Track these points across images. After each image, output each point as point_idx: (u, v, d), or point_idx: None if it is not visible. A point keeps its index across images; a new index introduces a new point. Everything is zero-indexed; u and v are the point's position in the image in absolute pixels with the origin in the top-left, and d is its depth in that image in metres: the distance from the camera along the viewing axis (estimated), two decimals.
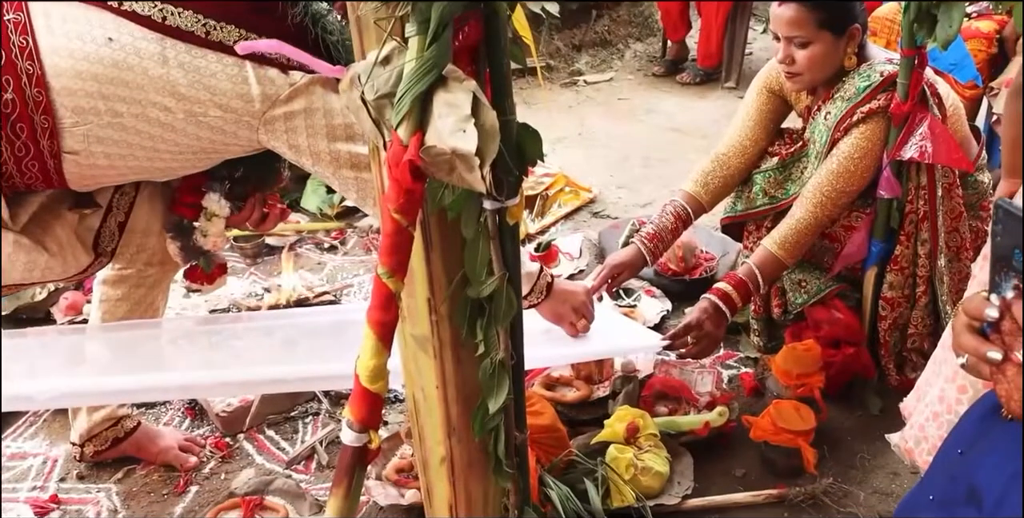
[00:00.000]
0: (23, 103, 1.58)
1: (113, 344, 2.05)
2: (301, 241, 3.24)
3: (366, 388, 1.16)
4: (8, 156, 1.61)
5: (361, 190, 1.70)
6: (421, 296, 1.28)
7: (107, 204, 1.90)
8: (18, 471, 2.18)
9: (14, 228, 1.73)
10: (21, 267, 1.74)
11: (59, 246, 1.81)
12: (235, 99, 1.62)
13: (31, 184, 1.69)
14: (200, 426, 2.30)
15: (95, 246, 1.88)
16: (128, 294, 2.05)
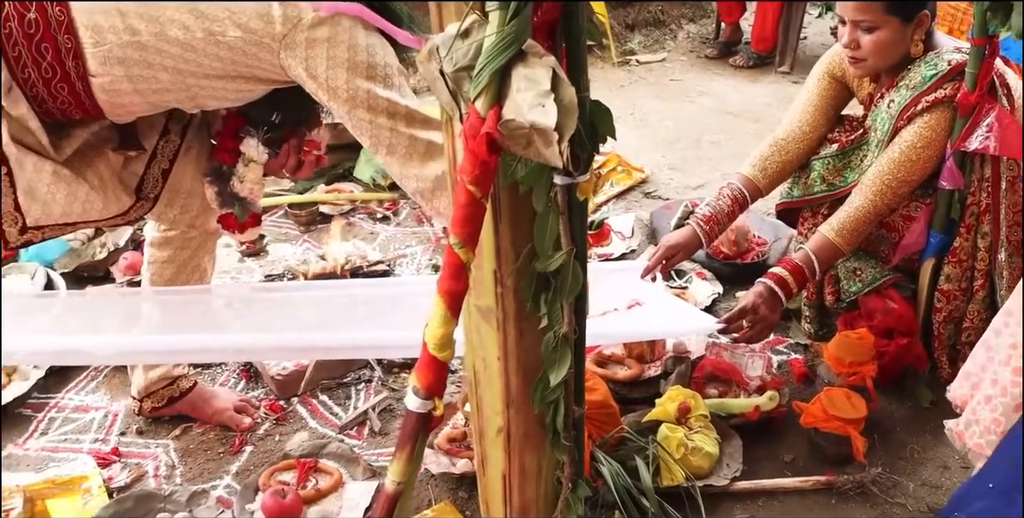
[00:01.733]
0: (46, 23, 1.59)
1: (170, 305, 2.10)
2: (354, 210, 3.28)
3: (433, 356, 1.18)
4: (36, 78, 1.62)
5: (374, 136, 1.67)
6: (488, 268, 1.30)
7: (152, 150, 1.91)
8: (81, 423, 2.25)
9: (56, 157, 1.74)
10: (62, 200, 1.75)
11: (100, 180, 1.81)
12: (255, 18, 1.60)
13: (66, 110, 1.69)
14: (254, 388, 2.36)
15: (138, 191, 1.90)
16: (174, 256, 2.09)
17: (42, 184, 1.72)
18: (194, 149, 1.97)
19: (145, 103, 1.73)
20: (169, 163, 1.94)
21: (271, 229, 3.19)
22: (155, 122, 1.91)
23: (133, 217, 1.93)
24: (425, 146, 1.66)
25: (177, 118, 1.94)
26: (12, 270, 2.79)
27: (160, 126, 1.92)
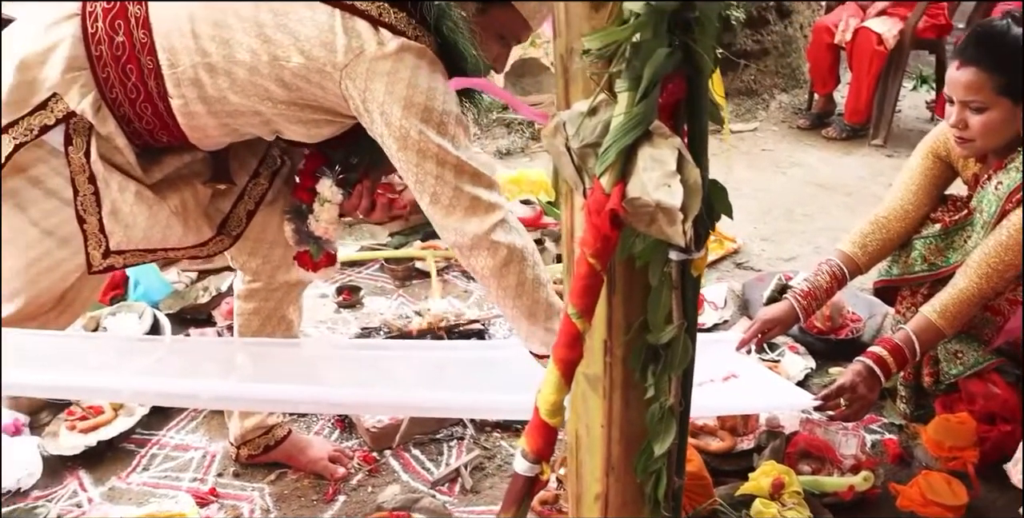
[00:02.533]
0: (131, 45, 1.65)
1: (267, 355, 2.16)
2: (449, 268, 3.34)
3: (545, 421, 1.22)
4: (123, 98, 1.68)
5: (420, 181, 1.65)
6: (598, 337, 1.33)
7: (241, 189, 1.95)
8: (181, 462, 2.33)
9: (143, 178, 1.78)
10: (143, 222, 1.78)
11: (183, 208, 1.85)
12: (318, 47, 1.60)
13: (153, 131, 1.74)
14: (348, 439, 2.41)
15: (220, 227, 1.94)
16: (259, 307, 2.14)
17: (125, 204, 1.76)
18: (280, 201, 2.02)
19: (220, 125, 1.75)
20: (255, 205, 1.98)
21: (367, 282, 3.28)
22: (246, 162, 1.97)
23: (211, 251, 1.96)
24: (469, 200, 1.65)
25: (269, 163, 2.00)
26: (122, 309, 2.91)
27: (251, 167, 1.98)
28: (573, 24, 1.23)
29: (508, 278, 1.69)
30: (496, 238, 1.66)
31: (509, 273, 1.68)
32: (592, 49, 1.15)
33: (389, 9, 1.60)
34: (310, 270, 2.01)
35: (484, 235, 1.65)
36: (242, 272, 2.14)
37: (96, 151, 1.70)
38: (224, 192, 1.95)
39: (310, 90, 1.65)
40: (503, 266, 1.68)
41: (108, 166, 1.73)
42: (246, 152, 1.96)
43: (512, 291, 1.70)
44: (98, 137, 1.70)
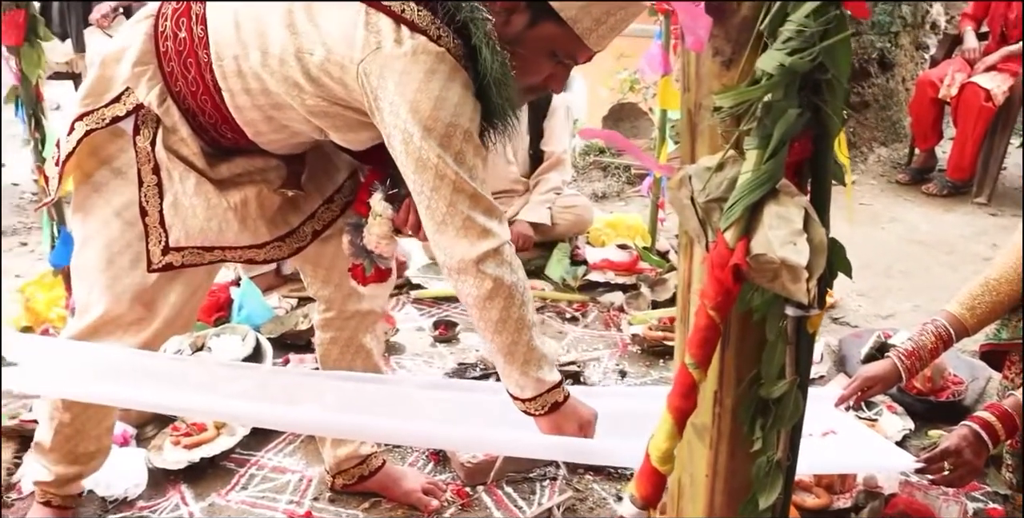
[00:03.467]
0: (191, 40, 1.71)
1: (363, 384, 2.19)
2: (544, 308, 3.38)
3: (655, 468, 1.24)
4: (186, 91, 1.74)
5: (418, 192, 1.61)
6: (709, 388, 1.34)
7: (312, 210, 1.98)
8: (278, 483, 2.40)
9: (207, 171, 1.81)
10: (201, 214, 1.81)
11: (244, 206, 1.85)
12: (340, 41, 1.58)
13: (216, 125, 1.77)
14: (442, 472, 2.44)
15: (283, 237, 1.95)
16: (336, 337, 2.18)
17: (185, 196, 1.81)
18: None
19: (266, 119, 1.75)
20: (323, 227, 2.00)
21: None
22: (323, 186, 2.00)
23: (267, 257, 1.96)
24: (463, 221, 1.59)
25: (344, 192, 2.02)
26: (226, 330, 3.02)
27: (326, 192, 2.00)
28: (703, 81, 1.27)
29: (490, 312, 1.64)
30: (484, 268, 1.60)
31: (492, 307, 1.63)
32: (724, 107, 1.18)
33: (415, 7, 1.56)
34: (360, 283, 1.98)
35: (472, 262, 1.60)
36: (318, 302, 2.19)
37: (161, 141, 1.78)
38: (295, 208, 1.97)
39: (332, 86, 1.63)
40: (487, 299, 1.62)
41: (171, 156, 1.79)
42: (324, 177, 2.00)
43: (492, 326, 1.65)
44: (164, 128, 1.78)
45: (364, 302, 2.14)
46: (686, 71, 1.31)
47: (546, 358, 1.70)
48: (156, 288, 1.88)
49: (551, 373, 1.71)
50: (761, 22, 1.13)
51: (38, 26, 3.22)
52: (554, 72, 1.69)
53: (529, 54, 1.63)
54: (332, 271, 2.08)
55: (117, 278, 1.86)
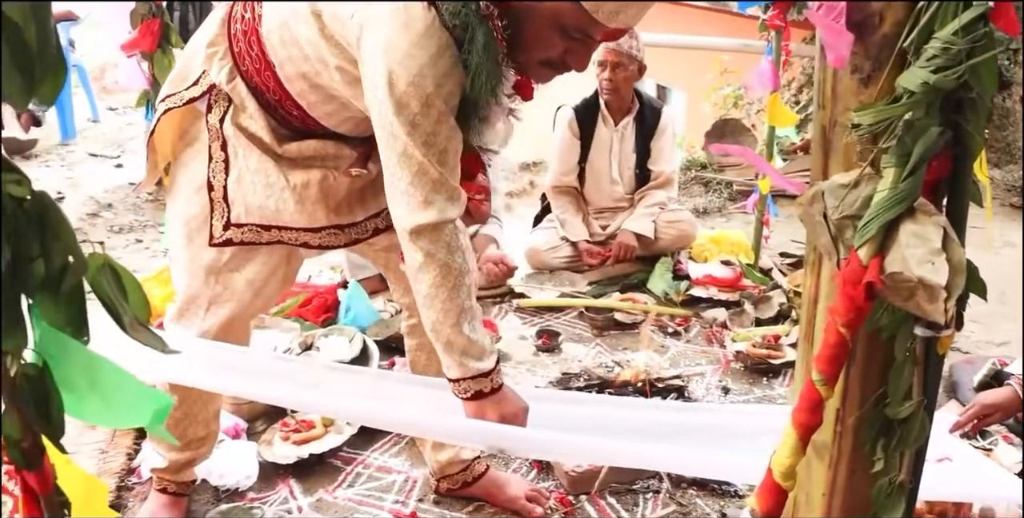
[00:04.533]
0: (253, 19, 1.77)
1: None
2: (646, 321, 3.38)
3: (778, 483, 1.24)
4: (252, 69, 1.80)
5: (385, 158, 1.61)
6: (832, 406, 1.34)
7: (380, 209, 1.98)
8: (384, 483, 2.44)
9: (273, 146, 1.84)
10: (261, 191, 1.85)
11: (304, 188, 1.87)
12: (347, 19, 1.59)
13: (281, 102, 1.81)
14: (545, 480, 2.45)
15: (343, 227, 1.96)
16: (421, 343, 2.19)
17: (248, 172, 1.85)
18: None
19: (312, 88, 1.76)
20: (386, 226, 2.00)
21: (565, 328, 3.35)
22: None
23: (322, 243, 1.96)
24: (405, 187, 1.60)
25: None
26: (333, 331, 3.09)
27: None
28: (840, 98, 1.27)
29: (420, 285, 1.66)
30: (418, 241, 1.62)
31: (422, 281, 1.65)
32: (863, 124, 1.18)
33: None
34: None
35: (404, 230, 1.63)
36: (399, 306, 2.22)
37: (230, 118, 1.85)
38: (362, 202, 1.98)
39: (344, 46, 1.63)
40: (418, 271, 1.65)
41: (238, 132, 1.86)
42: None
43: (421, 299, 1.68)
44: (234, 106, 1.85)
45: None
46: (821, 88, 1.31)
47: (475, 346, 1.71)
48: (231, 266, 1.94)
49: (478, 362, 1.71)
50: (905, 39, 1.13)
51: (171, 34, 3.38)
52: (570, 48, 1.61)
53: (538, 29, 1.58)
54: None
55: (196, 255, 1.93)
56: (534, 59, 1.63)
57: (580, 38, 1.59)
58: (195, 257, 1.93)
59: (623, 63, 3.70)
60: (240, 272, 1.94)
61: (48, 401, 0.89)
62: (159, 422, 0.89)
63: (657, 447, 1.99)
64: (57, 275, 0.89)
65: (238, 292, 1.95)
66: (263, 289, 1.99)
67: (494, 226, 3.62)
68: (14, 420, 0.91)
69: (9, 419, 0.91)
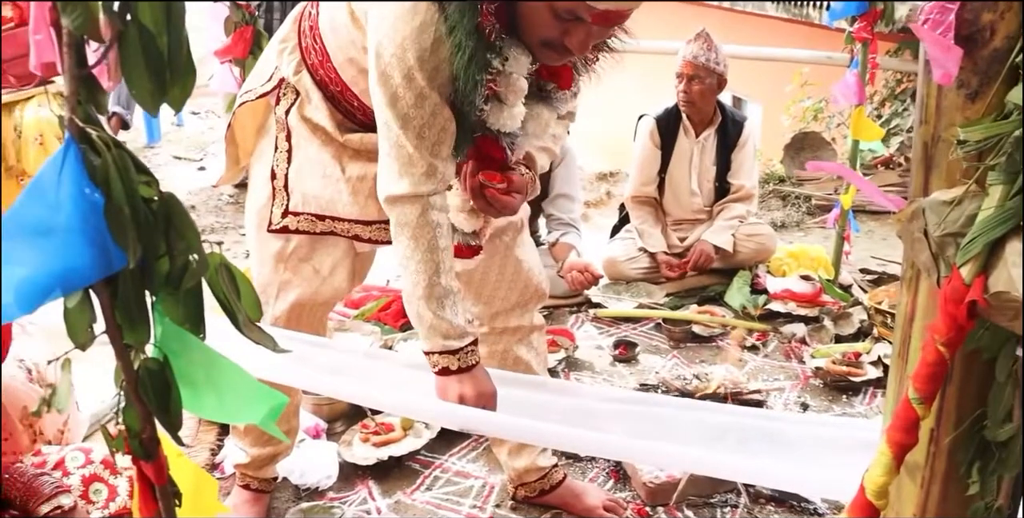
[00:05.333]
0: (317, 14, 1.85)
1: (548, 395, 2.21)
2: (724, 335, 3.36)
3: (870, 501, 1.23)
4: (316, 63, 1.87)
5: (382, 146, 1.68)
6: (926, 426, 1.31)
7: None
8: (461, 487, 2.47)
9: (336, 136, 1.90)
10: (318, 181, 1.90)
11: (360, 181, 1.92)
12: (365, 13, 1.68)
13: (343, 93, 1.88)
14: (622, 490, 2.45)
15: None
16: (491, 351, 2.20)
17: (308, 162, 1.91)
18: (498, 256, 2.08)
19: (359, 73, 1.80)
20: None
21: (642, 339, 3.35)
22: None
23: (372, 237, 1.99)
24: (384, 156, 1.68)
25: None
26: (412, 336, 3.13)
27: None
28: (944, 113, 1.25)
29: (397, 247, 1.72)
30: (392, 206, 1.69)
31: (398, 244, 1.71)
32: (969, 140, 1.17)
33: None
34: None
35: (381, 197, 1.71)
36: (472, 317, 2.24)
37: (296, 109, 1.92)
38: None
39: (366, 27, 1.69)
40: (394, 233, 1.71)
41: (302, 123, 1.93)
42: None
43: (398, 259, 1.72)
44: (300, 98, 1.92)
45: (512, 319, 2.18)
46: (924, 103, 1.30)
47: (443, 323, 1.72)
48: (298, 254, 1.99)
49: (445, 339, 1.74)
50: (1017, 54, 1.11)
51: (262, 40, 3.46)
52: (567, 29, 1.59)
53: (532, 9, 1.59)
54: (482, 287, 2.13)
55: (264, 243, 2.00)
56: (535, 39, 1.64)
57: (572, 19, 1.58)
58: (264, 245, 2.00)
59: (700, 76, 3.68)
60: (307, 261, 2.00)
61: (168, 395, 0.93)
62: (272, 419, 0.92)
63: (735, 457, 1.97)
64: (179, 273, 0.92)
65: (306, 279, 2.01)
66: (329, 279, 2.03)
67: (573, 235, 3.63)
68: (135, 412, 0.94)
69: (130, 411, 0.95)
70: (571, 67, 1.79)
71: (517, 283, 2.14)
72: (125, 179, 0.85)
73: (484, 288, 2.13)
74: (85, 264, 0.85)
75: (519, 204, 1.83)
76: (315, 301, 2.04)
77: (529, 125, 1.79)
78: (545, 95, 1.80)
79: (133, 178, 0.86)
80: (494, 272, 2.11)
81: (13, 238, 0.84)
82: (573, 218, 3.68)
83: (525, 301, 2.17)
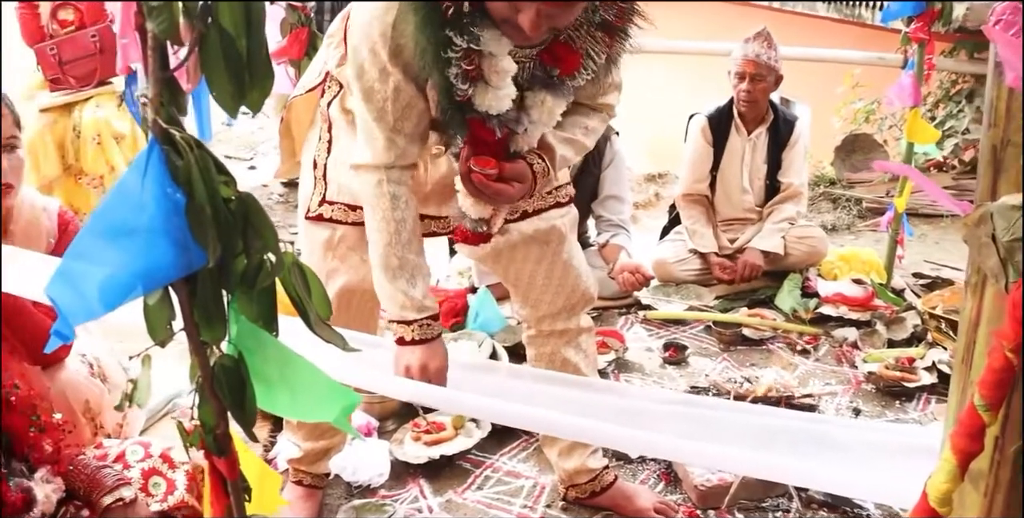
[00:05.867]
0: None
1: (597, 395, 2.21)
2: (774, 338, 3.34)
3: (933, 508, 1.22)
4: None
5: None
6: (990, 432, 1.30)
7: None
8: (512, 487, 2.48)
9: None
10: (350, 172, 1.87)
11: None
12: None
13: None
14: (673, 492, 2.45)
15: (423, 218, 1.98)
16: (539, 353, 2.22)
17: (344, 152, 1.93)
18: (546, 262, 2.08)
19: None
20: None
21: (692, 342, 3.34)
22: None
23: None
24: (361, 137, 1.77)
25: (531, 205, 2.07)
26: (463, 336, 3.15)
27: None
28: (1014, 116, 1.24)
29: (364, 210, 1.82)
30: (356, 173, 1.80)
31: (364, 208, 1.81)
32: None
33: None
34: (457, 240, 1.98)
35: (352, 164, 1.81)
36: (521, 320, 2.26)
37: (338, 101, 1.95)
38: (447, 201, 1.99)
39: None
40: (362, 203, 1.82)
41: (342, 113, 1.95)
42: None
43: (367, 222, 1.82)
44: (342, 90, 1.94)
45: (559, 322, 2.17)
46: (994, 106, 1.28)
47: (399, 295, 1.79)
48: (346, 242, 2.02)
49: (401, 309, 1.80)
50: None
51: (317, 41, 3.50)
52: (518, 7, 1.56)
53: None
54: (528, 291, 2.13)
55: (312, 231, 2.04)
56: (497, 18, 1.61)
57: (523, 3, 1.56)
58: (312, 234, 2.05)
59: (762, 74, 3.67)
60: (355, 250, 2.02)
61: (243, 391, 0.95)
62: (344, 417, 0.94)
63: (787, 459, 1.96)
64: (254, 272, 0.94)
65: (352, 267, 2.03)
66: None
67: (623, 236, 3.63)
68: (210, 408, 0.96)
69: (206, 407, 0.97)
70: (577, 53, 1.74)
71: (564, 287, 2.13)
72: (207, 179, 0.87)
73: (531, 292, 2.14)
74: (167, 263, 0.87)
75: (518, 193, 1.80)
76: (363, 287, 2.03)
77: (533, 112, 1.77)
78: (551, 82, 1.76)
79: (214, 178, 0.88)
80: (541, 276, 2.11)
81: (99, 238, 0.87)
82: (623, 219, 3.68)
83: (572, 305, 2.17)
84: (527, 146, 1.82)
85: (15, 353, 2.12)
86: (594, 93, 1.89)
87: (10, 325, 2.11)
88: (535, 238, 2.06)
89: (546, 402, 2.01)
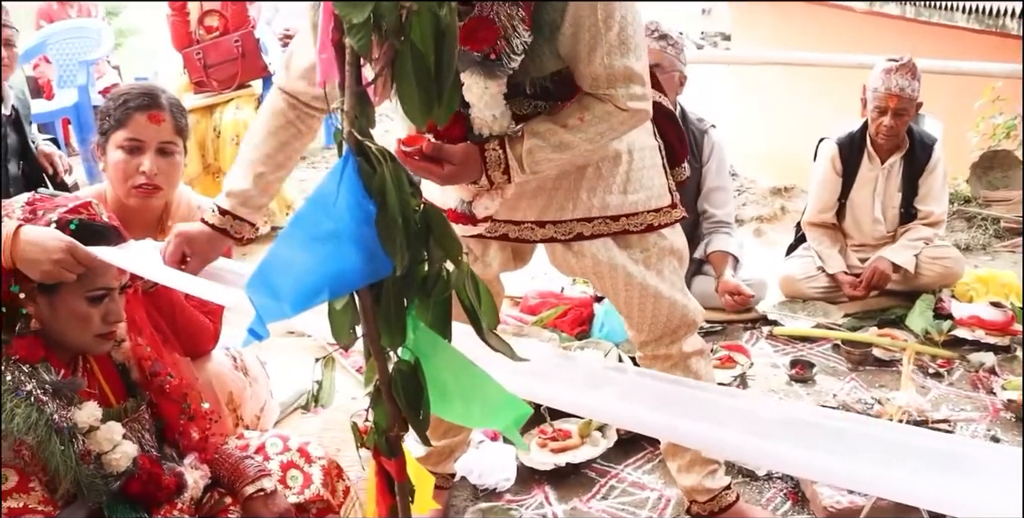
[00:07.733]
0: None
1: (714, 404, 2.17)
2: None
3: None
4: None
5: None
6: None
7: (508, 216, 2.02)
8: (637, 498, 2.48)
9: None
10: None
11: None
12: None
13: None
14: (800, 513, 2.41)
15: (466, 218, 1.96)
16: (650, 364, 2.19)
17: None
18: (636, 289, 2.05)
19: None
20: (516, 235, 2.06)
21: (819, 360, 3.27)
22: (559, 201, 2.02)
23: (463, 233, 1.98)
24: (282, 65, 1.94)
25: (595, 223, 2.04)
26: (589, 344, 3.17)
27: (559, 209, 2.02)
28: None
29: None
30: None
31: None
32: None
33: None
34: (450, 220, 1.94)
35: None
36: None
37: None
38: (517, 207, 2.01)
39: None
40: None
41: None
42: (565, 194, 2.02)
43: None
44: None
45: (660, 348, 2.15)
46: None
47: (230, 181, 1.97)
48: None
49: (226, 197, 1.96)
50: None
51: None
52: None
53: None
54: (628, 317, 2.12)
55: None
56: None
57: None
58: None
59: (905, 108, 3.51)
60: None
61: (419, 396, 0.98)
62: (516, 427, 0.96)
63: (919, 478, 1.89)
64: (433, 281, 0.97)
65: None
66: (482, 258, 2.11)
67: (723, 236, 3.54)
68: (385, 411, 1.00)
69: (380, 410, 1.00)
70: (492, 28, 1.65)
71: (659, 316, 2.09)
72: (399, 190, 0.90)
73: (630, 318, 2.13)
74: (355, 269, 0.91)
75: (451, 174, 1.74)
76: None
77: (467, 94, 1.71)
78: (483, 62, 1.68)
79: (406, 190, 0.91)
80: (635, 307, 2.08)
81: (295, 242, 0.91)
82: (727, 212, 3.60)
83: (672, 330, 2.13)
84: (489, 130, 1.77)
85: (169, 344, 2.22)
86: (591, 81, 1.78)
87: (165, 317, 2.21)
88: (612, 266, 2.03)
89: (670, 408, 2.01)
